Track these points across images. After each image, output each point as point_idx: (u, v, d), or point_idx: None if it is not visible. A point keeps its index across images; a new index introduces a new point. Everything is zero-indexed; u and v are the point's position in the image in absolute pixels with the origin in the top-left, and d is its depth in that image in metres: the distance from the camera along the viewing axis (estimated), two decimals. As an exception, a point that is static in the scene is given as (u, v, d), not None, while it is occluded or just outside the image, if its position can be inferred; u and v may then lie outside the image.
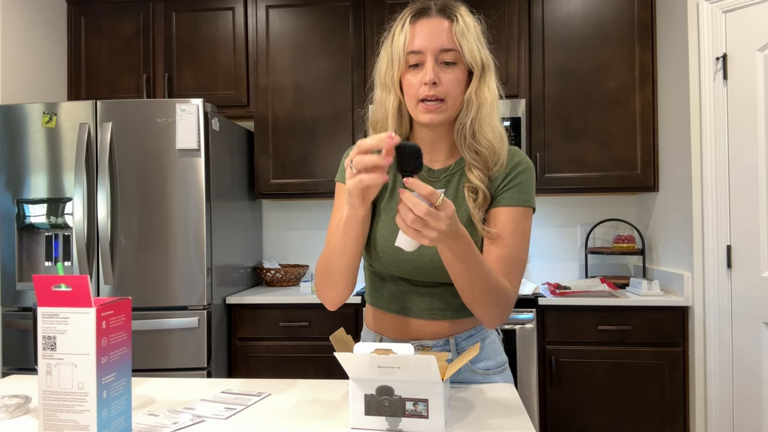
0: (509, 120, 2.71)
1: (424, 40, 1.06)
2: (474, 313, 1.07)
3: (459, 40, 1.06)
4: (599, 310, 2.46)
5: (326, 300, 1.14)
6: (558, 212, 3.10)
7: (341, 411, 1.01)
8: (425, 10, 1.09)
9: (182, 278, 2.43)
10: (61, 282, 0.83)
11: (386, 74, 1.11)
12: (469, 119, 1.09)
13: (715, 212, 2.30)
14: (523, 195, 1.11)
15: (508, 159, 1.13)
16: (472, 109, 1.09)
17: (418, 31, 1.07)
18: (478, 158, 1.11)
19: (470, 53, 1.07)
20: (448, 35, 1.06)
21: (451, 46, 1.06)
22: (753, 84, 2.20)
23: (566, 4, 2.78)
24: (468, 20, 1.08)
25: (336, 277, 1.09)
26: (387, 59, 1.11)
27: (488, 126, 1.10)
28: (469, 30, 1.07)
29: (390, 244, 1.12)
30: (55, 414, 0.83)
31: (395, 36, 1.10)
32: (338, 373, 1.02)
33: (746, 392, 2.22)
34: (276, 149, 2.92)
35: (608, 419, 2.46)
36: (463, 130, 1.10)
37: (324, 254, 1.11)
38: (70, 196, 2.45)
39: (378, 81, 1.15)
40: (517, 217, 1.10)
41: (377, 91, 1.15)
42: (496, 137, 1.10)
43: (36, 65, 2.86)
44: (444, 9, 1.08)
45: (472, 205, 1.10)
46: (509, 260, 1.08)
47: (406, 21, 1.09)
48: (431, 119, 1.08)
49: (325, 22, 2.90)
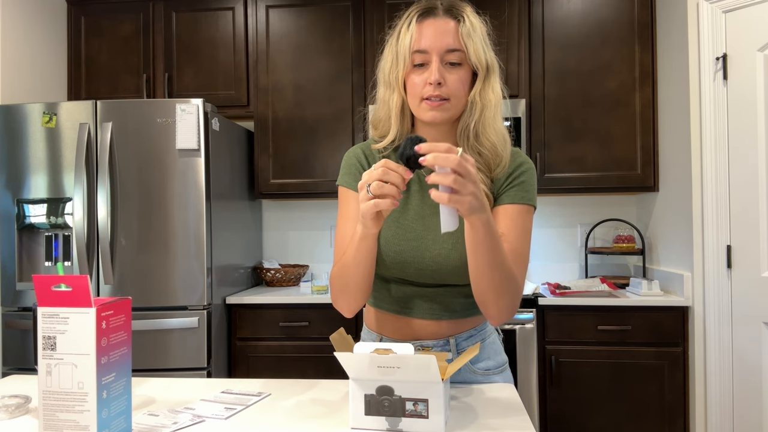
0: (509, 120, 2.71)
1: (430, 40, 1.06)
2: (485, 306, 1.04)
3: (465, 41, 1.06)
4: (599, 310, 2.46)
5: (344, 309, 1.13)
6: (558, 212, 3.10)
7: (341, 411, 1.01)
8: (432, 9, 1.08)
9: (182, 278, 2.43)
10: (61, 282, 0.83)
11: (390, 73, 1.11)
12: (472, 121, 1.09)
13: (715, 212, 2.30)
14: (526, 193, 1.12)
15: (511, 159, 1.14)
16: (476, 111, 1.09)
17: (424, 31, 1.07)
18: (480, 160, 1.11)
19: (476, 54, 1.06)
20: (454, 36, 1.06)
21: (457, 46, 1.06)
22: (753, 84, 2.20)
23: (566, 4, 2.78)
24: (474, 21, 1.08)
25: (353, 289, 1.09)
26: (392, 58, 1.11)
27: (491, 128, 1.10)
28: (476, 31, 1.07)
29: (393, 247, 1.12)
30: (55, 414, 0.83)
31: (401, 35, 1.09)
32: (338, 373, 1.02)
33: (746, 392, 2.22)
34: (276, 149, 2.92)
35: (608, 419, 2.46)
36: (466, 131, 1.10)
37: (338, 269, 1.09)
38: (70, 196, 2.45)
39: (381, 79, 1.14)
40: (520, 215, 1.11)
41: (380, 89, 1.15)
42: (499, 139, 1.11)
43: (36, 65, 2.86)
44: (451, 9, 1.08)
45: None
46: (515, 255, 1.07)
47: (412, 20, 1.08)
48: (434, 117, 1.08)
49: (325, 22, 2.90)
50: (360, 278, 1.06)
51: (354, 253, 1.03)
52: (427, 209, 1.14)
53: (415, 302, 1.16)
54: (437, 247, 1.11)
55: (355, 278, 1.07)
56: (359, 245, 1.01)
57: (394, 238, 1.12)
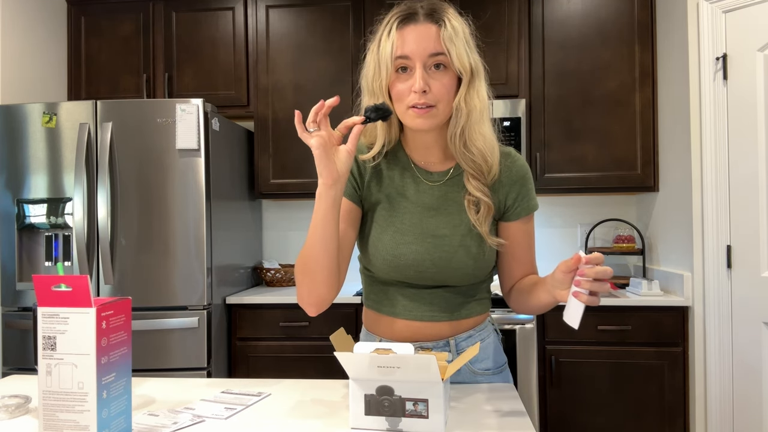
0: (509, 120, 2.71)
1: (412, 46, 1.04)
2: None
3: (447, 46, 1.03)
4: (599, 310, 2.46)
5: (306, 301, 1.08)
6: (558, 212, 3.10)
7: (341, 411, 1.01)
8: (412, 15, 1.06)
9: (182, 278, 2.43)
10: (61, 282, 0.83)
11: (374, 81, 1.09)
12: (458, 128, 1.08)
13: (715, 212, 2.30)
14: (532, 201, 1.17)
15: (508, 166, 1.14)
16: (462, 117, 1.07)
17: (406, 37, 1.04)
18: (474, 165, 1.11)
19: (458, 59, 1.04)
20: (436, 41, 1.03)
21: (440, 50, 1.04)
22: (753, 84, 2.20)
23: (566, 4, 2.78)
24: (456, 24, 1.05)
25: (312, 267, 1.05)
26: (374, 65, 1.08)
27: (478, 134, 1.08)
28: (458, 35, 1.04)
29: (392, 251, 1.12)
30: (55, 414, 0.83)
31: (382, 42, 1.07)
32: (338, 373, 1.02)
33: (746, 392, 2.22)
34: (276, 149, 2.92)
35: (608, 419, 2.46)
36: (454, 138, 1.09)
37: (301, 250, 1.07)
38: (70, 196, 2.45)
39: (365, 87, 1.12)
40: (530, 221, 1.19)
41: (365, 97, 1.13)
42: (487, 146, 1.10)
43: (36, 65, 2.86)
44: (431, 13, 1.05)
45: (475, 217, 1.10)
46: (534, 260, 1.21)
47: (392, 27, 1.06)
48: (422, 124, 1.07)
49: (325, 22, 2.90)
50: (321, 251, 1.03)
51: (314, 219, 1.03)
52: (423, 212, 1.13)
53: (413, 304, 1.15)
54: (437, 250, 1.11)
55: (316, 252, 1.03)
56: (317, 206, 1.02)
57: (392, 242, 1.12)
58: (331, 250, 1.04)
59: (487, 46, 2.98)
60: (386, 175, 1.17)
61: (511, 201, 1.15)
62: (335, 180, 1.00)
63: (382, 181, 1.16)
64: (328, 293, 1.07)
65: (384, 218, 1.14)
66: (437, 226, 1.12)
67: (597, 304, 0.91)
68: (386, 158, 1.18)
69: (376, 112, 1.02)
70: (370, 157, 1.16)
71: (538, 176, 2.77)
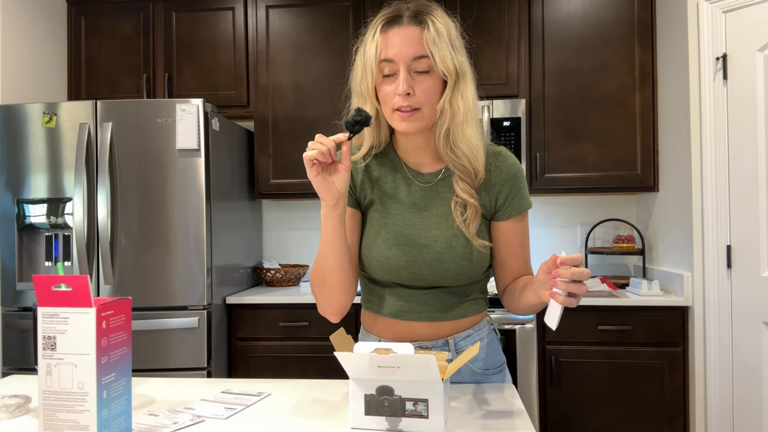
0: (509, 120, 2.71)
1: (395, 49, 1.04)
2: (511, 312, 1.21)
3: (430, 48, 1.03)
4: (599, 310, 2.46)
5: (328, 311, 1.14)
6: (558, 212, 3.10)
7: (341, 411, 1.01)
8: (397, 18, 1.06)
9: (182, 278, 2.43)
10: (61, 282, 0.83)
11: (361, 83, 1.10)
12: (443, 129, 1.08)
13: (715, 212, 2.30)
14: (524, 199, 1.16)
15: (499, 165, 1.14)
16: (446, 119, 1.07)
17: (390, 40, 1.04)
18: (461, 167, 1.11)
19: (442, 62, 1.03)
20: (419, 43, 1.03)
21: (424, 53, 1.03)
22: (753, 84, 2.20)
23: (566, 4, 2.78)
24: (440, 26, 1.04)
25: (329, 281, 1.09)
26: (361, 68, 1.09)
27: (462, 136, 1.08)
28: (441, 37, 1.03)
29: (384, 252, 1.12)
30: (55, 414, 0.83)
31: (367, 45, 1.07)
32: (338, 373, 1.02)
33: (746, 392, 2.22)
34: (276, 149, 2.92)
35: (608, 419, 2.46)
36: (439, 139, 1.09)
37: (314, 265, 1.13)
38: (70, 196, 2.45)
39: (354, 89, 1.13)
40: (523, 221, 1.17)
41: (353, 99, 1.14)
42: (472, 147, 1.09)
43: (36, 65, 2.86)
44: (416, 15, 1.05)
45: (460, 219, 1.10)
46: (528, 258, 1.19)
47: (377, 30, 1.06)
48: (407, 127, 1.07)
49: (325, 22, 2.90)
50: (333, 266, 1.07)
51: (323, 238, 1.06)
52: (415, 214, 1.13)
53: (410, 305, 1.15)
54: (429, 251, 1.11)
55: (329, 267, 1.08)
56: (324, 226, 1.05)
57: (384, 244, 1.12)
58: (343, 264, 1.08)
59: (487, 46, 2.99)
60: (378, 176, 1.17)
61: (501, 200, 1.14)
62: (337, 200, 1.03)
63: (375, 182, 1.17)
64: (347, 300, 1.13)
65: (377, 220, 1.15)
66: (428, 227, 1.12)
67: (574, 306, 0.91)
68: (378, 159, 1.18)
69: (358, 124, 1.02)
70: (359, 158, 1.17)
71: (538, 176, 2.77)
